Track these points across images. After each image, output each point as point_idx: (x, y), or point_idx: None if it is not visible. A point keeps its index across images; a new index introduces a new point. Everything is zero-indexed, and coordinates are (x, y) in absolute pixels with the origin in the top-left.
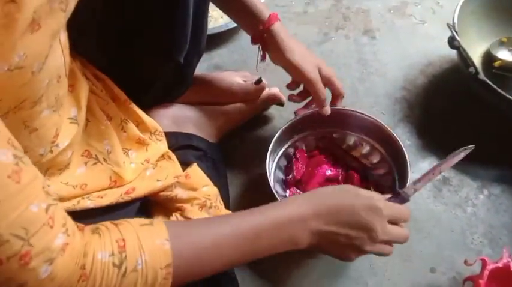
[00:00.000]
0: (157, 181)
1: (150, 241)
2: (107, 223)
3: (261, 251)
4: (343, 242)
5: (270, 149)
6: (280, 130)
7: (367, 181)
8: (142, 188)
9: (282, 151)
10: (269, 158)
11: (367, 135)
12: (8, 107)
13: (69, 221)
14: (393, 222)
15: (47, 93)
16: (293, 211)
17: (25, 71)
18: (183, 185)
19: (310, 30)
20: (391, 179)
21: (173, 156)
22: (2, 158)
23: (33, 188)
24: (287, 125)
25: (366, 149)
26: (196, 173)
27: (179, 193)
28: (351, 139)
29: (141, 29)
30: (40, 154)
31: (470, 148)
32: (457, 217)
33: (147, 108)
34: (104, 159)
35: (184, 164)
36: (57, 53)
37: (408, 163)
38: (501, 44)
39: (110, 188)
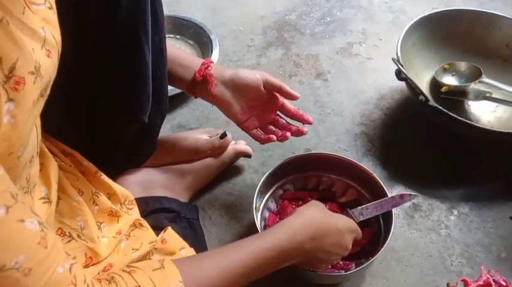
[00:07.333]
0: (133, 250)
1: (165, 285)
2: (120, 272)
3: (264, 273)
4: (324, 257)
5: (256, 195)
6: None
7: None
8: (119, 263)
9: (267, 196)
10: (255, 202)
11: (343, 175)
12: None
13: (88, 275)
14: None
15: (21, 175)
16: (293, 238)
17: (13, 157)
18: (160, 251)
19: None
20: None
21: (144, 223)
22: (31, 227)
23: (58, 251)
24: (271, 171)
25: (342, 188)
26: (171, 236)
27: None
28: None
29: (105, 91)
30: None
31: (415, 196)
32: (433, 241)
33: (114, 176)
34: (78, 235)
35: (159, 229)
36: (33, 134)
37: (386, 190)
38: (444, 70)
39: (87, 266)
